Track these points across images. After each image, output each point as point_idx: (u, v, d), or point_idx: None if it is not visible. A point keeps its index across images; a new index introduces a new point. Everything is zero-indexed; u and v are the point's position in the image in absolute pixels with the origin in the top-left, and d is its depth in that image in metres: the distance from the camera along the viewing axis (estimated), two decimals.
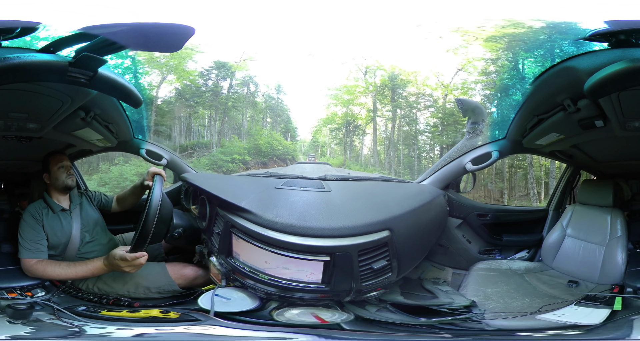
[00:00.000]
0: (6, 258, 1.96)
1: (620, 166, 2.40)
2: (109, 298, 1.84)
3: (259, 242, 1.63)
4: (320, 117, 5.35)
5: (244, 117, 5.47)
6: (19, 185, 2.60)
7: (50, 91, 1.67)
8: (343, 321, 1.59)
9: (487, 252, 2.62)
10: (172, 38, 1.36)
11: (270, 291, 1.67)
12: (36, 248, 1.86)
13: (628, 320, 1.53)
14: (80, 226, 2.00)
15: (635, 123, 1.71)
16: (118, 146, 2.66)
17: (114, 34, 1.30)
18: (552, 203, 2.76)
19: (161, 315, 1.66)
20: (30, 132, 1.98)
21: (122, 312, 1.69)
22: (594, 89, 1.47)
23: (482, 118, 2.88)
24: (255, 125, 5.61)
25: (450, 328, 1.58)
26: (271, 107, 5.57)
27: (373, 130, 5.08)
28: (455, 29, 2.93)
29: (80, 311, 1.65)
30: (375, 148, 5.08)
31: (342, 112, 5.14)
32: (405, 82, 4.63)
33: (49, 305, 1.62)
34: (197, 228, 2.07)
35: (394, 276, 1.71)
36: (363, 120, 5.08)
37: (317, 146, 5.57)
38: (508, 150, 2.49)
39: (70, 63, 1.41)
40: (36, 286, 1.81)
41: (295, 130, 5.66)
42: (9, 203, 2.48)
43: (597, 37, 1.43)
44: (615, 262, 1.99)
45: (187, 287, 1.95)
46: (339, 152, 5.47)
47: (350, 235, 1.59)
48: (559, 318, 1.62)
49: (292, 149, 5.49)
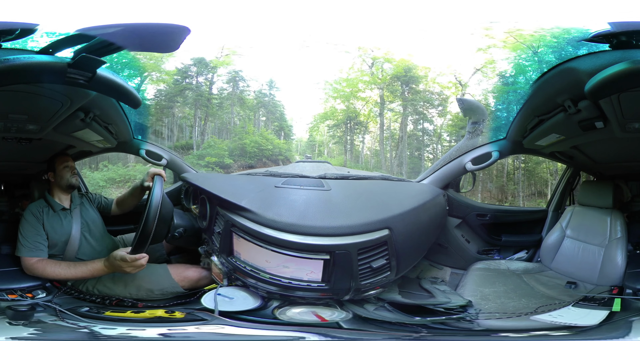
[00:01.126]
0: (6, 259, 1.96)
1: (620, 167, 2.39)
2: (112, 299, 1.83)
3: (259, 240, 1.64)
4: (318, 112, 5.00)
5: (231, 115, 5.17)
6: (18, 186, 2.61)
7: (50, 92, 1.67)
8: (342, 320, 1.60)
9: (486, 252, 2.62)
10: (167, 38, 1.36)
11: (272, 290, 1.67)
12: (36, 247, 1.86)
13: (627, 321, 1.53)
14: (80, 226, 2.01)
15: (635, 124, 1.70)
16: (118, 147, 2.67)
17: (111, 35, 1.29)
18: (551, 204, 2.76)
19: (167, 315, 1.65)
20: (30, 133, 1.98)
21: (126, 313, 1.68)
22: (594, 90, 1.46)
23: (482, 118, 2.88)
24: (244, 123, 5.26)
25: (442, 328, 1.59)
26: (263, 104, 5.25)
27: (380, 127, 4.77)
28: (487, 27, 2.84)
29: (83, 312, 1.64)
30: (382, 147, 4.78)
31: (342, 107, 4.80)
32: (420, 77, 4.33)
33: (51, 307, 1.61)
34: (198, 228, 2.07)
35: (393, 275, 1.71)
36: (366, 116, 4.79)
37: (314, 145, 5.29)
38: (508, 150, 2.49)
39: (69, 64, 1.41)
40: (37, 287, 1.80)
41: (290, 129, 5.32)
42: (9, 205, 2.49)
43: (598, 38, 1.43)
44: (615, 263, 1.98)
45: (191, 289, 1.94)
46: (338, 151, 5.21)
47: (350, 234, 1.60)
48: (554, 319, 1.61)
49: (286, 149, 5.17)
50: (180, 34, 1.35)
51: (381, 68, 4.36)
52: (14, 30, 1.43)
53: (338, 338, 1.49)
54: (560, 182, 2.79)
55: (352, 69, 4.46)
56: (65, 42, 1.39)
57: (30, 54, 1.44)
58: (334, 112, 4.96)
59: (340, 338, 1.50)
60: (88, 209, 2.14)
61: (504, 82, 3.60)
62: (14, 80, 1.42)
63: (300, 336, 1.48)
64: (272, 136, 5.26)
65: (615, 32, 1.38)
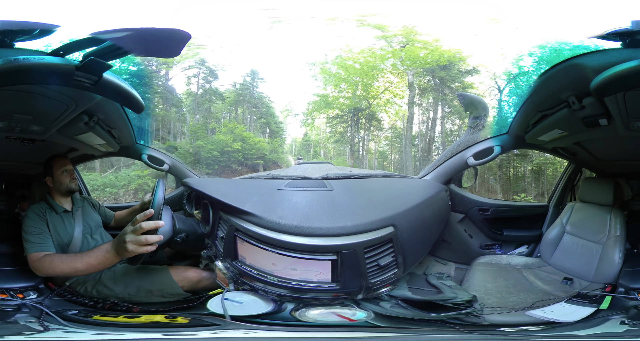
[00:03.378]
0: (4, 259, 1.95)
1: (621, 165, 2.40)
2: (106, 303, 1.78)
3: (264, 244, 1.63)
4: (312, 100, 3.84)
5: (191, 112, 4.32)
6: (19, 186, 2.61)
7: (55, 94, 1.65)
8: (368, 319, 1.58)
9: (488, 246, 2.65)
10: (171, 43, 1.34)
11: (282, 293, 1.66)
12: (43, 241, 1.82)
13: (605, 318, 1.54)
14: (82, 228, 1.99)
15: (639, 123, 1.71)
16: (120, 151, 2.66)
17: (121, 39, 1.28)
18: (552, 200, 2.78)
19: (166, 321, 1.58)
20: (33, 134, 1.96)
21: (118, 317, 1.62)
22: (601, 87, 1.46)
23: (484, 113, 2.88)
24: (206, 120, 4.25)
25: (459, 323, 1.59)
26: (242, 97, 4.34)
27: (408, 121, 3.46)
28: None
29: (69, 315, 1.57)
30: (407, 147, 3.51)
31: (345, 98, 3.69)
32: (460, 64, 3.16)
33: (38, 308, 1.54)
34: (201, 233, 2.06)
35: (401, 272, 1.73)
36: (381, 107, 3.61)
37: (309, 145, 4.48)
38: (510, 145, 2.50)
39: (77, 67, 1.40)
40: (29, 288, 1.76)
41: (278, 125, 4.43)
42: (9, 205, 2.49)
43: (612, 35, 1.42)
44: (611, 261, 1.99)
45: (191, 290, 1.91)
46: (336, 151, 4.32)
47: (356, 233, 1.60)
48: (545, 314, 1.63)
49: (269, 149, 4.18)
50: (182, 39, 1.34)
51: (401, 50, 3.08)
52: (31, 30, 1.40)
53: (372, 338, 1.48)
54: (561, 177, 2.80)
55: (371, 51, 3.34)
56: (78, 45, 1.37)
57: (41, 54, 1.41)
58: (336, 101, 4.10)
59: (374, 338, 1.49)
60: (90, 211, 2.12)
61: None
62: (21, 80, 1.40)
63: (330, 336, 1.46)
64: (249, 133, 4.25)
65: (632, 30, 1.37)
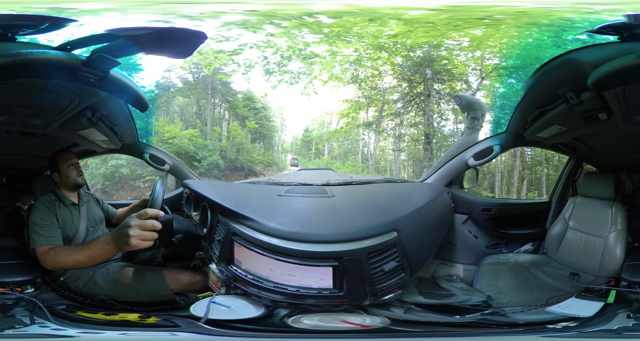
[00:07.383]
0: (6, 252, 1.96)
1: (622, 159, 2.40)
2: (93, 299, 1.78)
3: (262, 249, 1.61)
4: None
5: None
6: (20, 180, 2.59)
7: (58, 88, 1.65)
8: (385, 324, 1.57)
9: (494, 246, 2.63)
10: (186, 43, 1.34)
11: (277, 299, 1.63)
12: (53, 235, 1.82)
13: (614, 312, 1.56)
14: (87, 223, 2.01)
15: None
16: (122, 149, 2.65)
17: (136, 37, 1.26)
18: (554, 195, 2.77)
19: (136, 320, 1.60)
20: (35, 128, 1.96)
21: (97, 314, 1.63)
22: (599, 82, 1.46)
23: (481, 113, 2.87)
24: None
25: (490, 324, 1.59)
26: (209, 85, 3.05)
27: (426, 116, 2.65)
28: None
29: (58, 310, 1.61)
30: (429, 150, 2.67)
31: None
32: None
33: (33, 302, 1.59)
34: (197, 234, 2.04)
35: (408, 276, 1.70)
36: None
37: (310, 141, 3.58)
38: (509, 143, 2.50)
39: (83, 62, 1.39)
40: (27, 282, 1.80)
41: (266, 117, 3.21)
42: (10, 199, 2.47)
43: (607, 29, 1.42)
44: (614, 255, 1.99)
45: (182, 293, 1.89)
46: (336, 151, 3.46)
47: (357, 239, 1.58)
48: (562, 310, 1.63)
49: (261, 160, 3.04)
50: (197, 40, 1.33)
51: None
52: (38, 24, 1.38)
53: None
54: (562, 173, 2.79)
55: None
56: (88, 40, 1.36)
57: (46, 49, 1.40)
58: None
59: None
60: (94, 207, 2.14)
61: None
62: (24, 74, 1.39)
63: None
64: (194, 132, 3.24)
65: (630, 23, 1.37)
